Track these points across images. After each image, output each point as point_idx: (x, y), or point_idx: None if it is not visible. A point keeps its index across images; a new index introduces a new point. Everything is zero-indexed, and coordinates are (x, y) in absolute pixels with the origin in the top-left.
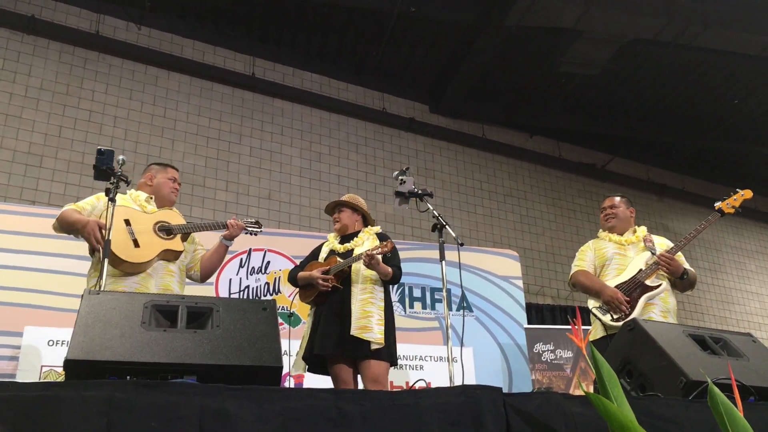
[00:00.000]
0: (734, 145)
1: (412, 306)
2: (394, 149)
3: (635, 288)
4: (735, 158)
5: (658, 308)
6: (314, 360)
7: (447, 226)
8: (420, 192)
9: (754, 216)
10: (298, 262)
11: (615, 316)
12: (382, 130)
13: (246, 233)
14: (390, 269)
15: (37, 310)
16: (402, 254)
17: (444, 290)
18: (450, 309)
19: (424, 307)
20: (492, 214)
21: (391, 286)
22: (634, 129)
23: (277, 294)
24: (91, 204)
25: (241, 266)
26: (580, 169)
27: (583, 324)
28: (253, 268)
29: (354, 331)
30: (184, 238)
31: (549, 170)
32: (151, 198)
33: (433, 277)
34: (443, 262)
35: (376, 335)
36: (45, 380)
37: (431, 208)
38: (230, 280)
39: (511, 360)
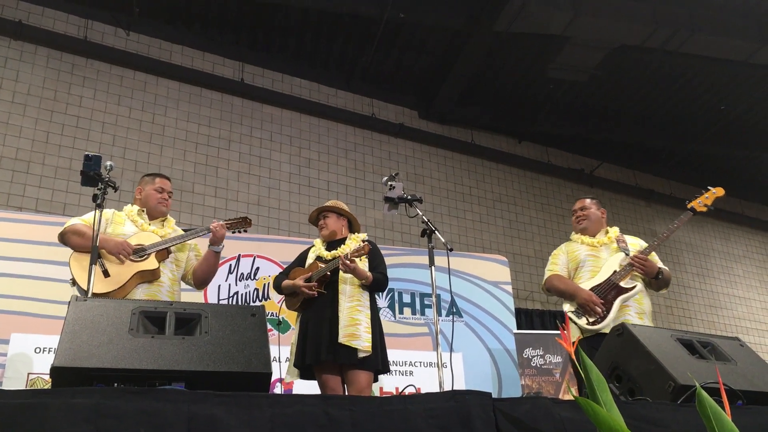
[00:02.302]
0: (721, 150)
1: (401, 311)
2: (383, 155)
3: (610, 290)
4: (722, 163)
5: (634, 310)
6: (306, 367)
7: (436, 232)
8: (409, 197)
9: (741, 221)
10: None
11: (591, 320)
12: (371, 135)
13: (234, 232)
14: (369, 273)
15: (23, 317)
16: (391, 260)
17: (434, 295)
18: (439, 314)
19: (413, 312)
20: (481, 220)
21: (378, 293)
22: (621, 134)
23: (266, 300)
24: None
25: (230, 272)
26: (568, 175)
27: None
28: (242, 274)
29: (342, 339)
30: (162, 255)
31: (538, 176)
32: (143, 211)
33: (423, 282)
34: (433, 267)
35: (363, 343)
36: (32, 388)
37: (420, 213)
38: (219, 286)
39: (500, 365)
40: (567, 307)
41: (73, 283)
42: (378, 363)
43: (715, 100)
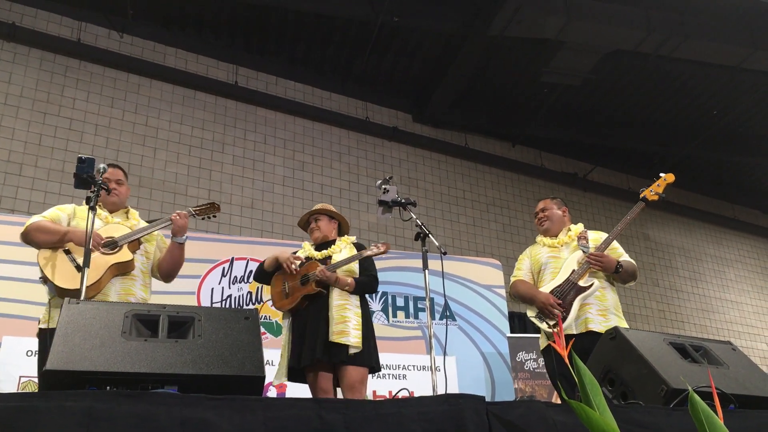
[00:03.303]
0: (713, 155)
1: (395, 315)
2: (377, 158)
3: (569, 290)
4: (714, 167)
5: (595, 307)
6: (297, 369)
7: (430, 235)
8: (403, 201)
9: (734, 225)
10: None
11: (550, 323)
12: (365, 139)
13: (203, 218)
14: (350, 280)
15: (15, 319)
16: (385, 263)
17: (427, 299)
18: (433, 318)
19: (407, 316)
20: (475, 223)
21: (371, 296)
22: (615, 139)
23: (259, 303)
24: (58, 216)
25: (223, 275)
26: (561, 179)
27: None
28: (235, 277)
29: (332, 337)
30: (134, 246)
31: (531, 179)
32: (100, 205)
33: (416, 286)
34: (426, 271)
35: (352, 339)
36: (23, 391)
37: (414, 217)
38: (212, 289)
39: (493, 369)
40: (530, 313)
41: (44, 281)
42: (371, 360)
43: (707, 105)
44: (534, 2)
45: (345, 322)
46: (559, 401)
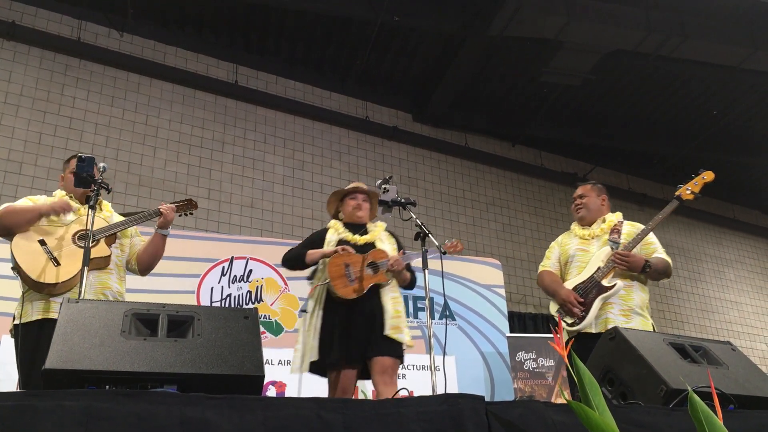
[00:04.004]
0: (713, 155)
1: None
2: (377, 158)
3: (592, 288)
4: (714, 167)
5: (618, 307)
6: (323, 364)
7: (430, 235)
8: (403, 201)
9: (734, 225)
10: (280, 270)
11: (569, 321)
12: (365, 138)
13: (181, 215)
14: (408, 274)
15: None
16: None
17: (427, 299)
18: (432, 318)
19: (406, 315)
20: (475, 223)
21: None
22: (615, 139)
23: (259, 302)
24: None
25: (222, 274)
26: (561, 178)
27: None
28: (235, 276)
29: (388, 331)
30: (110, 240)
31: (531, 179)
32: (71, 196)
33: (416, 285)
34: (426, 270)
35: (405, 337)
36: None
37: (414, 216)
38: (212, 288)
39: (493, 368)
40: (552, 307)
41: (17, 271)
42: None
43: (707, 105)
44: (534, 2)
45: (399, 317)
46: (559, 401)
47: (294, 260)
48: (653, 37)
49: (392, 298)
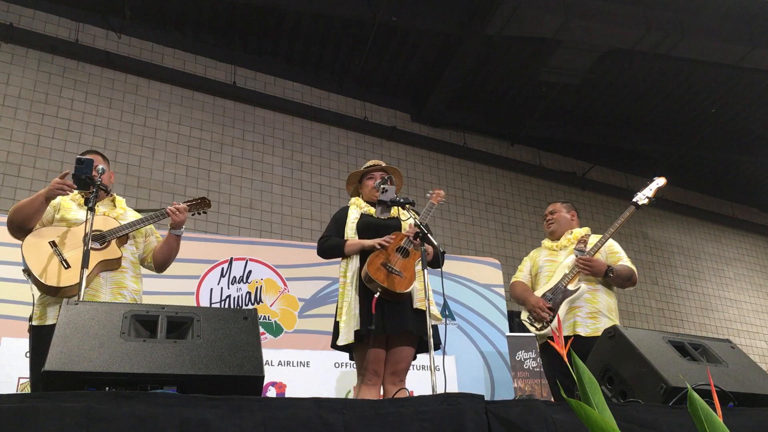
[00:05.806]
0: (712, 153)
1: None
2: (375, 158)
3: (559, 293)
4: (713, 166)
5: (585, 310)
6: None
7: (429, 235)
8: (402, 201)
9: (733, 223)
10: (280, 271)
11: (538, 325)
12: (363, 138)
13: (194, 214)
14: (430, 248)
15: (14, 320)
16: None
17: (427, 299)
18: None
19: None
20: (474, 223)
21: None
22: (613, 138)
23: (258, 303)
24: None
25: (222, 275)
26: (560, 178)
27: None
28: (234, 277)
29: (417, 303)
30: (122, 241)
31: (530, 178)
32: (83, 195)
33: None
34: (425, 270)
35: (435, 310)
36: (22, 392)
37: (414, 216)
38: (211, 289)
39: (493, 368)
40: (523, 315)
41: (28, 273)
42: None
43: (706, 103)
44: (532, 1)
45: (423, 289)
46: None
47: (332, 251)
48: (651, 36)
49: (418, 272)
